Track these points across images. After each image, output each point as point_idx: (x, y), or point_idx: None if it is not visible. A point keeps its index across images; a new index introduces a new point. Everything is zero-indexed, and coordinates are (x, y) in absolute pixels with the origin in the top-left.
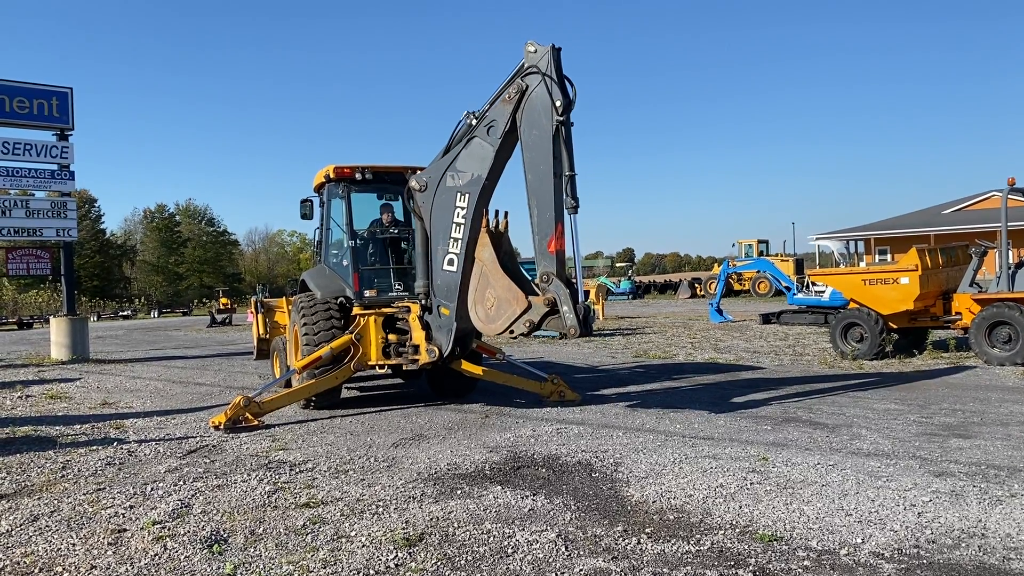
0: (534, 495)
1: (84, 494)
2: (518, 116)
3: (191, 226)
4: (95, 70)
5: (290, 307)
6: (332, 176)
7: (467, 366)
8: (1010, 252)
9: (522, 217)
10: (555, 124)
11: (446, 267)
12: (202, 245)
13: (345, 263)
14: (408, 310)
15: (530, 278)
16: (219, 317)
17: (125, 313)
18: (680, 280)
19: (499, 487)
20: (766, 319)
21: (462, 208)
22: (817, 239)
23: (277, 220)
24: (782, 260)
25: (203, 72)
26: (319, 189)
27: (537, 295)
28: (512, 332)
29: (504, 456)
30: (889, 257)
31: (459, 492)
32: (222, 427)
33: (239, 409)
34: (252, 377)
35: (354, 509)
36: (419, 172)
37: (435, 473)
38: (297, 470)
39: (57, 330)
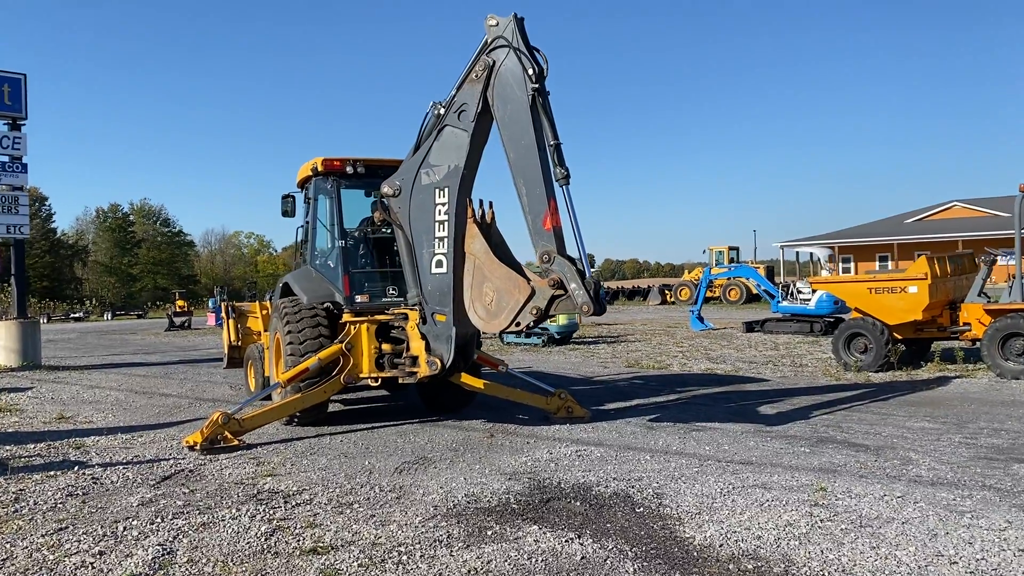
0: (579, 537)
1: (43, 536)
2: (489, 94)
3: (145, 226)
4: (39, 62)
5: (264, 312)
6: (320, 170)
7: (467, 379)
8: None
9: (506, 208)
10: (530, 94)
11: (435, 270)
12: (157, 246)
13: (334, 265)
14: (406, 317)
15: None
16: (177, 320)
17: (77, 315)
18: (650, 286)
19: (535, 526)
20: (749, 327)
21: (443, 204)
22: (782, 246)
23: (234, 221)
24: (753, 267)
25: (158, 69)
26: (303, 184)
27: (537, 279)
28: (518, 324)
29: (526, 485)
30: (852, 266)
31: (490, 533)
32: (198, 447)
33: (217, 427)
34: (222, 388)
35: (372, 556)
36: (390, 177)
37: (454, 507)
38: (293, 502)
39: (6, 334)
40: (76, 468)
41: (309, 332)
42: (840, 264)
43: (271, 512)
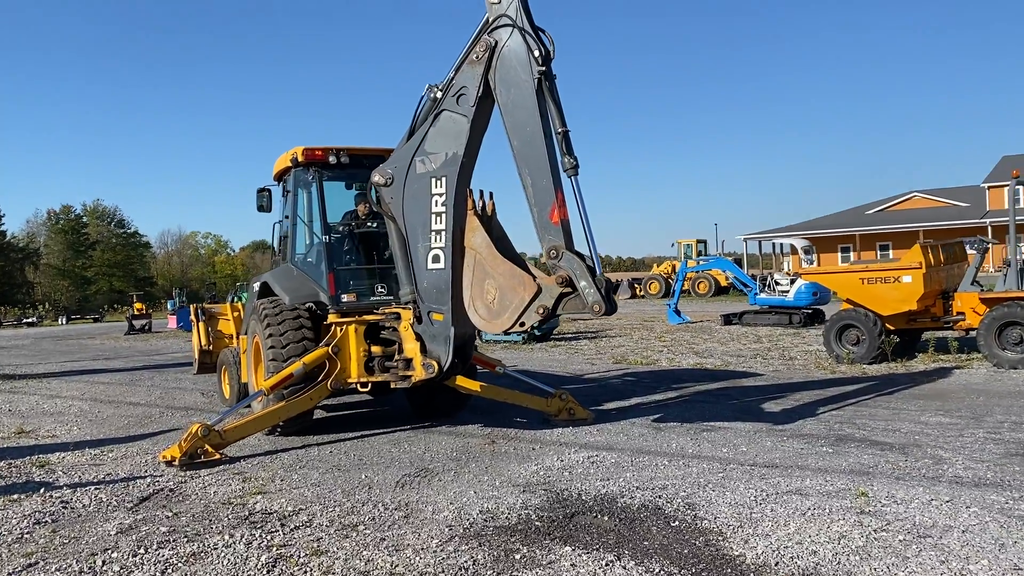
0: (619, 559)
1: (9, 574)
2: (491, 77)
3: (100, 228)
4: None
5: (236, 314)
6: (300, 160)
7: (462, 381)
8: (1020, 248)
9: (506, 199)
10: (536, 77)
11: (431, 266)
12: (112, 248)
13: (317, 262)
14: (398, 317)
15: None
16: (137, 324)
17: (29, 320)
18: (619, 281)
19: (567, 547)
20: (727, 320)
21: (440, 195)
22: (746, 239)
23: (191, 222)
24: (730, 260)
25: (108, 67)
26: (281, 176)
27: (543, 276)
28: (522, 324)
29: (544, 499)
30: (815, 257)
31: (519, 557)
32: (177, 463)
33: (197, 440)
34: (194, 395)
35: None
36: (381, 165)
37: (471, 526)
38: (291, 525)
39: None
40: (42, 490)
41: (292, 335)
42: (803, 255)
43: (268, 538)
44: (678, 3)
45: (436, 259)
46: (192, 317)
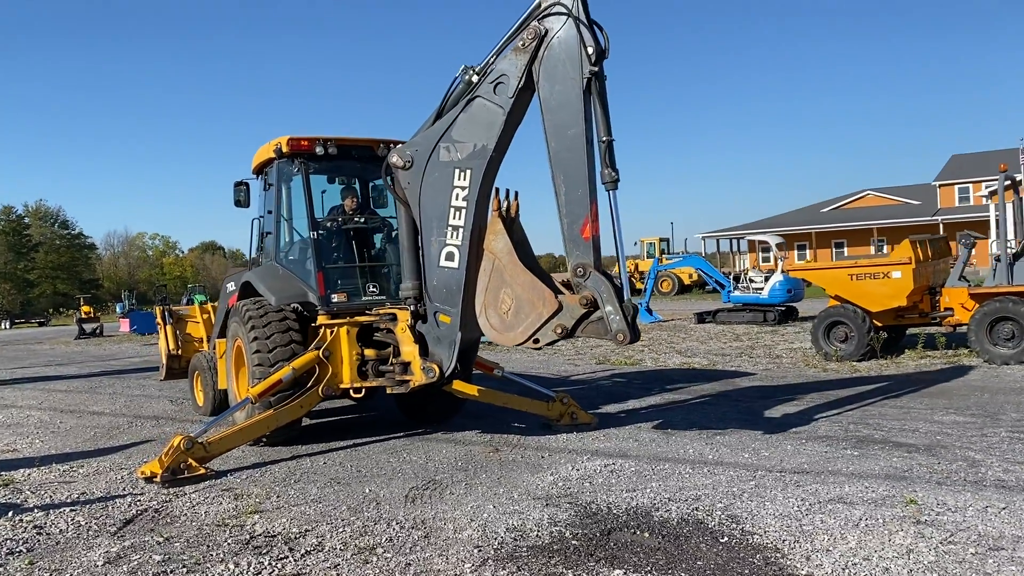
0: None
1: None
2: (535, 69)
3: (43, 229)
4: None
5: (206, 316)
6: (285, 151)
7: (459, 386)
8: (1009, 243)
9: (535, 198)
10: (587, 76)
11: (444, 263)
12: (55, 249)
13: (305, 260)
14: (394, 318)
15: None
16: (88, 328)
17: None
18: None
19: (617, 570)
20: (701, 318)
21: (462, 188)
22: (704, 237)
23: (138, 222)
24: (703, 258)
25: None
26: (262, 169)
27: (566, 293)
28: (537, 342)
29: (572, 513)
30: (772, 256)
31: None
32: (158, 479)
33: (179, 454)
34: (161, 402)
35: None
36: (401, 145)
37: (502, 547)
38: (301, 550)
39: None
40: (11, 514)
41: (279, 338)
42: (760, 254)
43: (279, 566)
44: (620, 4)
45: (450, 257)
46: (158, 320)
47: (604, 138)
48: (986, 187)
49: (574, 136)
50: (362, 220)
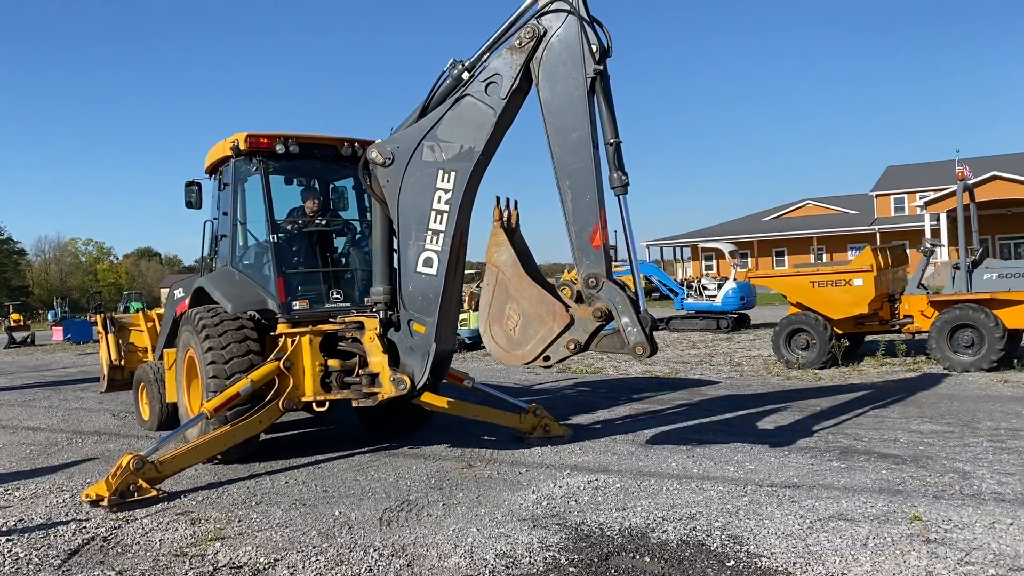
0: None
1: None
2: (533, 68)
3: None
4: None
5: (151, 324)
6: (243, 149)
7: (428, 397)
8: (967, 251)
9: (527, 203)
10: (591, 76)
11: (421, 269)
12: None
13: (263, 265)
14: (361, 326)
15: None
16: (18, 336)
17: None
18: None
19: None
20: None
21: (446, 191)
22: (648, 245)
23: (70, 227)
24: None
25: None
26: (216, 169)
27: (576, 306)
28: (547, 359)
29: (562, 535)
30: (714, 264)
31: None
32: (105, 503)
33: (128, 474)
34: (103, 416)
35: None
36: (381, 140)
37: (493, 575)
38: None
39: None
40: None
41: (236, 348)
42: (703, 262)
43: None
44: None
45: (428, 263)
46: (99, 328)
47: (611, 140)
48: (920, 197)
49: (579, 139)
50: (324, 223)
